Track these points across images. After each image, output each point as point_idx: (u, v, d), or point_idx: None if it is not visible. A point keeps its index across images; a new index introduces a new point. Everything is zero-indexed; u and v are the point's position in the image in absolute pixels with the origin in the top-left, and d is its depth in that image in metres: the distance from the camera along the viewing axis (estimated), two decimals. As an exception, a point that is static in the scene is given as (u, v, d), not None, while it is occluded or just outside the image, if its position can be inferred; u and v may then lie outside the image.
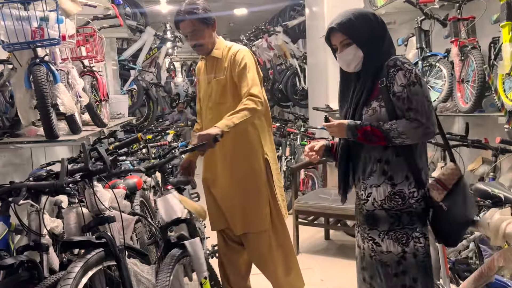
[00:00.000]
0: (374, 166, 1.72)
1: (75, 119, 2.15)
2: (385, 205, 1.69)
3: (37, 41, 1.84)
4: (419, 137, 1.64)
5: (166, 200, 2.15)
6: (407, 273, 1.69)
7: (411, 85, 1.62)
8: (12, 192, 1.86)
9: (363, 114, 1.71)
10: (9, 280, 1.74)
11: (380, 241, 1.72)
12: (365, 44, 1.71)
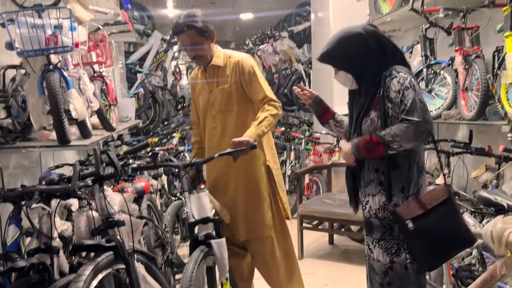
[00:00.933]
0: (372, 175, 1.76)
1: (86, 124, 2.20)
2: (379, 214, 1.73)
3: (51, 48, 1.89)
4: (412, 137, 1.61)
5: (199, 198, 2.19)
6: (392, 285, 1.71)
7: (405, 90, 1.65)
8: (25, 196, 1.91)
9: (362, 124, 1.75)
10: (20, 282, 1.78)
11: (373, 248, 1.76)
12: (352, 68, 1.78)
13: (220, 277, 2.12)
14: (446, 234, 1.66)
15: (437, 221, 1.65)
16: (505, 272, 1.78)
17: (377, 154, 1.68)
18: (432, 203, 1.65)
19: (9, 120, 2.28)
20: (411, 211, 1.64)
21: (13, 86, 2.26)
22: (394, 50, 1.82)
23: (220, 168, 2.51)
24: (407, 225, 1.63)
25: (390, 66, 1.75)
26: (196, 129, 2.69)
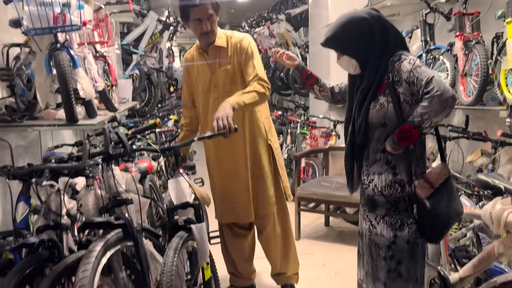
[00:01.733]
0: (378, 155, 1.80)
1: (92, 103, 2.20)
2: (385, 192, 1.78)
3: (59, 26, 1.88)
4: (439, 108, 1.61)
5: (178, 182, 2.16)
6: (394, 257, 1.78)
7: (417, 67, 1.67)
8: (33, 174, 1.92)
9: (370, 108, 1.77)
10: (30, 258, 1.80)
11: (376, 224, 1.81)
12: (356, 53, 1.79)
13: (200, 261, 2.10)
14: (449, 208, 1.74)
15: (443, 198, 1.72)
16: (503, 251, 1.85)
17: (414, 139, 1.69)
18: (438, 181, 1.72)
19: (12, 99, 2.28)
20: (425, 191, 1.71)
21: (18, 65, 2.24)
22: (397, 36, 1.83)
23: (224, 148, 2.51)
24: (425, 205, 1.69)
25: (394, 51, 1.78)
26: (187, 111, 2.67)
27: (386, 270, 1.78)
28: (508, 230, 1.82)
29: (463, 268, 2.08)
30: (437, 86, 1.60)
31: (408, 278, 1.78)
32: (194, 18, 2.35)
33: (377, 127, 1.78)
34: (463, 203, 2.30)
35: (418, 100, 1.68)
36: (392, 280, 1.78)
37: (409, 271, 1.78)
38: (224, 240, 2.77)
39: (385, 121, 1.75)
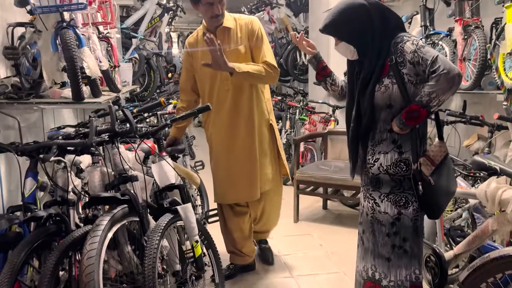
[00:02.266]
0: (384, 135, 1.84)
1: (97, 83, 2.23)
2: (390, 170, 1.82)
3: (65, 5, 1.91)
4: (446, 86, 1.65)
5: (160, 166, 2.19)
6: (398, 234, 1.83)
7: (421, 47, 1.70)
8: (40, 150, 1.97)
9: (375, 91, 1.80)
10: (39, 231, 1.86)
11: (380, 202, 1.86)
12: (354, 40, 1.82)
13: (190, 240, 2.14)
14: (448, 184, 1.81)
15: (443, 174, 1.78)
16: (497, 228, 1.91)
17: (422, 118, 1.73)
18: (438, 159, 1.77)
19: (17, 78, 2.31)
20: (428, 169, 1.76)
21: (23, 44, 2.27)
22: (397, 20, 1.86)
23: (236, 128, 2.59)
24: (429, 182, 1.75)
25: (395, 34, 1.81)
26: (185, 96, 2.72)
27: (390, 245, 1.84)
28: (502, 208, 1.88)
29: (458, 246, 2.15)
30: (443, 65, 1.63)
31: (413, 255, 1.84)
32: (206, 2, 2.40)
33: (383, 108, 1.81)
34: (459, 184, 2.37)
35: (423, 80, 1.71)
36: (397, 256, 1.84)
37: (414, 248, 1.85)
38: (225, 220, 2.83)
39: (391, 102, 1.79)
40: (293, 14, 6.69)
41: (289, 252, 3.24)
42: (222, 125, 2.60)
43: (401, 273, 1.82)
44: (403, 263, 1.82)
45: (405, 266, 1.82)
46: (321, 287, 2.75)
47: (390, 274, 1.83)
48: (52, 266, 1.74)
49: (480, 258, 1.82)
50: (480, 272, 1.79)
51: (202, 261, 2.18)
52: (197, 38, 2.63)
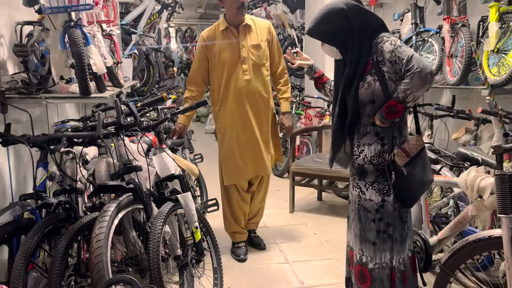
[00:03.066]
0: (368, 128, 1.99)
1: (102, 78, 2.36)
2: (374, 161, 1.97)
3: (73, 6, 2.03)
4: (420, 84, 1.78)
5: (161, 157, 2.30)
6: (383, 219, 1.98)
7: (398, 47, 1.85)
8: (50, 142, 2.09)
9: (359, 87, 1.95)
10: (50, 217, 1.99)
11: (365, 190, 2.01)
12: (336, 41, 1.98)
13: (190, 226, 2.26)
14: (422, 176, 1.94)
15: (418, 166, 1.91)
16: (476, 213, 2.06)
17: (400, 113, 1.88)
18: (413, 151, 1.91)
19: (24, 74, 2.43)
20: (402, 160, 1.89)
21: (31, 41, 2.39)
22: (376, 23, 1.98)
23: (245, 112, 2.91)
24: (402, 172, 1.88)
25: (376, 34, 1.94)
26: (195, 87, 2.99)
27: (375, 230, 1.99)
28: (480, 195, 2.03)
29: (441, 231, 2.30)
30: (417, 64, 1.78)
31: (398, 239, 1.99)
32: None
33: (366, 104, 1.96)
34: (444, 174, 2.52)
35: (402, 77, 1.86)
36: (382, 241, 1.98)
37: (397, 232, 1.99)
38: (231, 202, 3.09)
39: (374, 98, 1.93)
40: (289, 11, 6.79)
41: (284, 241, 3.39)
42: (239, 111, 2.90)
43: (386, 256, 1.97)
44: (387, 247, 1.97)
45: (389, 249, 1.97)
46: (314, 272, 2.90)
47: (375, 257, 1.98)
48: (63, 249, 1.87)
49: (459, 241, 1.97)
50: (459, 254, 1.95)
51: (201, 246, 2.32)
52: (215, 32, 2.92)
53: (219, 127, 3.02)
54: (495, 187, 1.81)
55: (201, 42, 2.93)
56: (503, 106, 2.85)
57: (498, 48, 2.65)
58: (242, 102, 2.89)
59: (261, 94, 2.94)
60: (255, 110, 2.93)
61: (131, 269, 2.12)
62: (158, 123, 2.45)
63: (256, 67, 2.89)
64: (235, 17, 2.84)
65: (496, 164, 1.86)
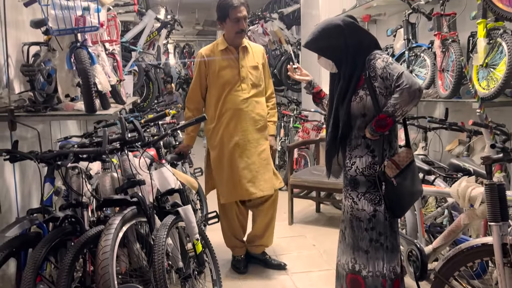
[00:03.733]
0: (359, 141, 2.08)
1: (106, 96, 2.45)
2: (365, 172, 2.06)
3: (80, 28, 2.13)
4: (408, 99, 1.88)
5: (161, 172, 2.37)
6: (375, 229, 2.05)
7: (390, 64, 1.95)
8: (57, 158, 2.17)
9: (352, 100, 2.05)
10: (57, 231, 2.05)
11: (358, 200, 2.09)
12: (331, 55, 2.09)
13: (191, 238, 2.32)
14: (412, 187, 2.03)
15: (407, 178, 2.00)
16: (468, 222, 2.13)
17: (389, 126, 1.97)
18: (403, 164, 2.00)
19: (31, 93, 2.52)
20: (392, 171, 1.98)
21: (38, 61, 2.48)
22: (370, 39, 2.09)
23: (243, 128, 2.98)
24: (392, 183, 1.96)
25: (369, 51, 2.05)
26: (194, 104, 3.07)
27: (368, 239, 2.06)
28: (472, 204, 2.11)
29: (436, 240, 2.38)
30: (406, 80, 1.88)
31: (389, 248, 2.06)
32: (234, 17, 2.85)
33: (358, 117, 2.06)
34: (438, 185, 2.60)
35: (392, 92, 1.95)
36: (375, 249, 2.06)
37: (390, 241, 2.06)
38: (229, 218, 3.12)
39: (365, 111, 2.03)
40: (285, 27, 6.94)
41: (284, 252, 3.45)
42: (237, 128, 2.95)
43: (379, 264, 2.04)
44: (380, 256, 2.04)
45: (382, 258, 2.04)
46: (314, 283, 2.96)
47: (368, 265, 2.05)
48: (69, 262, 1.93)
49: (453, 249, 2.04)
50: (453, 261, 2.02)
51: (203, 257, 2.38)
52: (214, 50, 3.01)
53: (215, 145, 3.03)
54: (485, 196, 1.89)
55: (200, 59, 3.00)
56: (493, 119, 2.94)
57: (486, 62, 2.74)
58: (240, 120, 2.95)
59: (259, 113, 3.01)
60: (254, 128, 2.99)
61: (135, 281, 2.18)
62: (159, 139, 2.53)
63: (254, 87, 2.99)
64: (234, 41, 2.95)
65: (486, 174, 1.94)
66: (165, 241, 2.09)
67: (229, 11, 2.84)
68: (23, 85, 2.72)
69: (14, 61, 2.65)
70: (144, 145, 2.38)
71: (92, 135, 3.50)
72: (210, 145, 3.09)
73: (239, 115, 2.95)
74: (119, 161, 2.23)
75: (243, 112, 2.95)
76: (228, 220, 3.13)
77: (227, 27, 2.92)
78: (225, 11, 2.86)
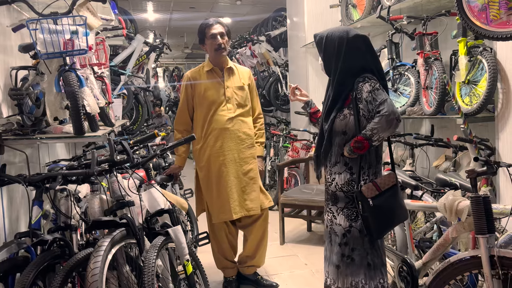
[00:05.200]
0: (339, 158, 2.13)
1: (95, 118, 2.46)
2: (344, 188, 2.10)
3: (68, 51, 2.16)
4: (386, 126, 1.94)
5: (150, 193, 2.37)
6: (348, 244, 2.08)
7: (376, 90, 2.01)
8: (45, 180, 2.16)
9: (336, 117, 2.11)
10: (45, 254, 2.03)
11: (337, 215, 2.13)
12: (324, 59, 2.19)
13: (181, 259, 2.30)
14: (391, 210, 2.05)
15: (387, 200, 2.02)
16: (456, 235, 2.15)
17: (366, 149, 2.01)
18: (385, 186, 2.04)
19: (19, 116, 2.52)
20: (370, 192, 2.01)
21: (26, 85, 2.49)
22: (365, 64, 2.10)
23: (229, 148, 2.99)
24: (368, 203, 1.99)
25: (360, 75, 2.10)
26: (183, 126, 3.11)
27: (340, 254, 2.09)
28: (459, 217, 2.13)
29: (425, 255, 2.38)
30: (387, 108, 1.95)
31: (371, 265, 2.08)
32: (209, 35, 2.93)
33: (338, 134, 2.12)
34: (426, 200, 2.63)
35: (372, 117, 2.01)
36: (345, 265, 2.08)
37: (371, 258, 2.08)
38: (218, 238, 3.10)
39: (346, 129, 2.09)
40: (273, 49, 7.06)
41: (276, 272, 3.43)
42: (223, 148, 2.96)
43: (348, 280, 2.06)
44: (349, 271, 2.06)
45: (351, 273, 2.06)
46: (306, 302, 2.94)
47: (338, 280, 2.08)
48: (58, 286, 1.90)
49: (442, 263, 2.06)
50: (442, 275, 2.03)
51: (193, 279, 2.36)
52: (200, 72, 3.06)
53: (202, 165, 3.03)
54: (471, 209, 1.92)
55: (186, 81, 3.05)
56: (478, 133, 3.01)
57: (468, 79, 2.82)
58: (226, 139, 2.97)
59: (245, 132, 3.04)
60: (240, 147, 3.02)
61: (125, 304, 2.15)
62: (147, 160, 2.53)
63: (240, 107, 3.03)
64: (215, 58, 3.00)
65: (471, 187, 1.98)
66: (155, 263, 2.08)
67: (205, 30, 2.96)
68: (11, 109, 2.72)
69: (2, 85, 2.66)
70: (133, 166, 2.39)
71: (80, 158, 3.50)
72: (198, 166, 3.09)
73: (225, 134, 2.97)
74: (108, 183, 2.22)
75: (229, 131, 2.97)
76: (217, 240, 3.12)
77: (208, 47, 2.99)
78: (202, 31, 2.98)
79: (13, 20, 2.75)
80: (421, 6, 3.50)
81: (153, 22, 8.94)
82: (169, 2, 7.74)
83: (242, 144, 3.02)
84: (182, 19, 8.37)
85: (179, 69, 13.86)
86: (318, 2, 5.31)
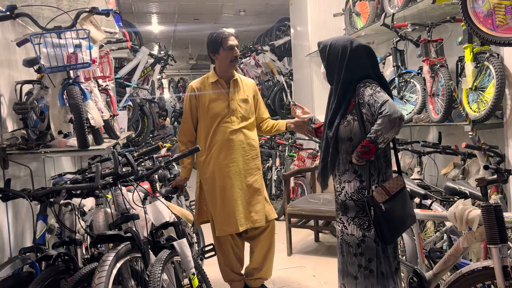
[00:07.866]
0: (347, 166, 2.10)
1: (99, 131, 2.45)
2: (354, 197, 2.07)
3: (72, 65, 2.15)
4: (389, 126, 1.92)
5: (155, 206, 2.34)
6: (364, 254, 2.04)
7: (377, 93, 2.01)
8: (49, 195, 2.15)
9: (340, 124, 2.09)
10: (50, 270, 2.01)
11: (347, 225, 2.09)
12: (327, 67, 2.20)
13: (187, 273, 2.26)
14: (402, 214, 2.03)
15: (398, 204, 2.00)
16: (467, 245, 2.10)
17: (373, 153, 1.99)
18: (394, 190, 2.01)
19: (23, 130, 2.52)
20: (381, 197, 1.98)
21: (31, 99, 2.50)
22: (366, 74, 2.11)
23: (235, 160, 2.96)
24: (380, 208, 1.96)
25: (363, 79, 2.09)
26: (186, 137, 3.08)
27: (357, 265, 2.05)
28: (470, 227, 2.09)
29: (436, 265, 2.33)
30: (389, 108, 1.93)
31: (384, 274, 2.03)
32: (227, 46, 2.91)
33: (344, 141, 2.09)
34: (435, 209, 2.58)
35: (376, 119, 1.99)
36: (364, 276, 2.03)
37: (384, 267, 2.03)
38: (224, 251, 3.06)
39: (351, 136, 2.07)
40: (277, 58, 7.08)
41: (283, 285, 3.38)
42: (227, 159, 2.94)
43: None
44: (369, 283, 2.01)
45: (371, 285, 2.01)
46: (315, 315, 2.88)
47: None
48: (63, 302, 1.89)
49: (453, 274, 2.01)
50: (454, 286, 1.98)
51: None
52: (204, 83, 3.04)
53: (206, 177, 3.00)
54: (482, 219, 1.88)
55: (190, 92, 3.03)
56: (486, 140, 2.96)
57: (475, 86, 2.79)
58: (230, 151, 2.94)
59: (249, 143, 3.01)
60: (244, 159, 2.99)
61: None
62: (152, 172, 2.51)
63: (243, 120, 3.01)
64: (227, 70, 2.98)
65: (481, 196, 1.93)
66: (161, 277, 2.05)
67: (222, 41, 2.91)
68: (16, 123, 2.73)
69: (7, 99, 2.67)
70: (138, 179, 2.37)
71: (86, 171, 3.49)
72: (202, 178, 3.05)
73: (229, 146, 2.94)
74: (113, 196, 2.20)
75: (232, 142, 2.95)
76: (224, 253, 3.07)
77: (221, 58, 2.94)
78: (217, 42, 2.92)
79: (17, 35, 2.77)
80: (425, 13, 3.48)
81: (157, 34, 9.00)
82: (173, 14, 7.80)
83: (247, 156, 2.99)
84: (187, 30, 8.44)
85: (184, 80, 13.91)
86: (322, 11, 5.31)
